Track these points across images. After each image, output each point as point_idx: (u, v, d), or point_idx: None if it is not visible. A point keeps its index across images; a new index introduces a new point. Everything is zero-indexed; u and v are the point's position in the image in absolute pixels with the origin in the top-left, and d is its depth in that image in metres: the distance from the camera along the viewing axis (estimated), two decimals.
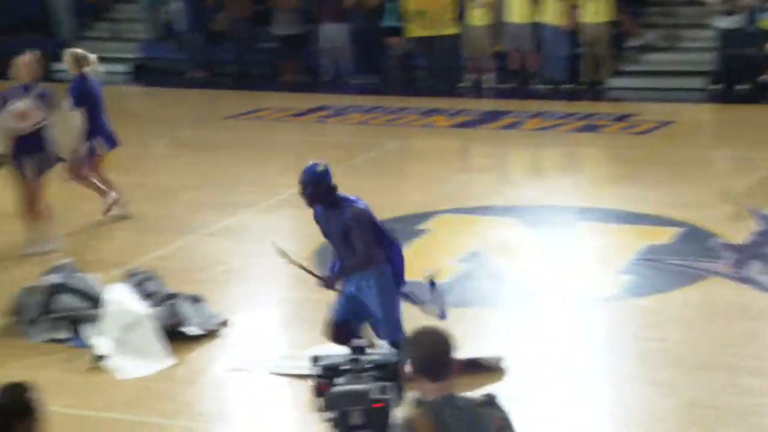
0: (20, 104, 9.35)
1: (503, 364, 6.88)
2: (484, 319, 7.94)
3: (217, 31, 19.14)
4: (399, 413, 4.02)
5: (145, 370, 6.95)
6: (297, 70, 18.57)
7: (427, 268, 7.12)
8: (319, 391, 5.25)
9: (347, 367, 5.27)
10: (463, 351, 6.87)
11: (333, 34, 17.98)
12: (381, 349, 6.19)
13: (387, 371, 5.32)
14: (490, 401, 3.79)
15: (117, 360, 7.11)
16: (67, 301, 7.68)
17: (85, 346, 7.39)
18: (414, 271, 8.94)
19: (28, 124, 9.34)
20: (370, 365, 5.28)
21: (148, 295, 7.67)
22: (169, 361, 7.14)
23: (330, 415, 5.04)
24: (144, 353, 7.10)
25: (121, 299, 7.53)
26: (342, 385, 5.11)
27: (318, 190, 6.44)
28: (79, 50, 10.56)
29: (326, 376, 5.25)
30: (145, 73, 19.69)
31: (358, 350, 5.38)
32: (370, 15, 17.90)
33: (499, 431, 3.75)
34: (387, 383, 5.10)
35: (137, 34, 20.13)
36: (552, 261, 9.12)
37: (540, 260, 9.14)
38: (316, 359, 5.39)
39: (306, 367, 5.67)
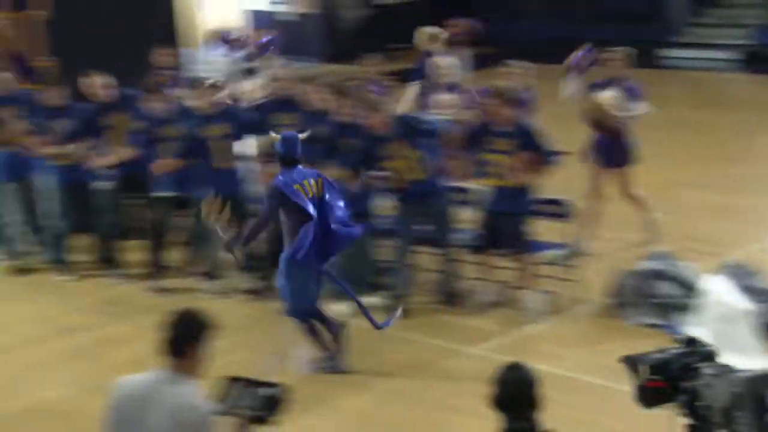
0: (608, 93, 9.15)
1: None
2: None
3: None
4: None
5: (742, 366, 6.79)
6: None
7: None
8: (657, 389, 4.87)
9: (688, 360, 4.84)
10: None
11: None
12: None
13: (711, 360, 4.84)
14: None
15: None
16: (664, 287, 7.76)
17: (678, 333, 7.40)
18: None
19: (615, 116, 9.09)
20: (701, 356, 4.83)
21: (747, 290, 7.48)
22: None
23: (719, 403, 4.64)
24: (742, 349, 6.91)
25: (720, 291, 7.44)
26: (723, 374, 4.70)
27: (278, 154, 6.73)
28: (435, 29, 10.83)
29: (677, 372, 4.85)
30: (757, 60, 19.10)
31: (691, 342, 4.94)
32: None
33: None
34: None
35: (750, 20, 19.62)
36: None
37: None
38: (632, 359, 5.01)
39: None
